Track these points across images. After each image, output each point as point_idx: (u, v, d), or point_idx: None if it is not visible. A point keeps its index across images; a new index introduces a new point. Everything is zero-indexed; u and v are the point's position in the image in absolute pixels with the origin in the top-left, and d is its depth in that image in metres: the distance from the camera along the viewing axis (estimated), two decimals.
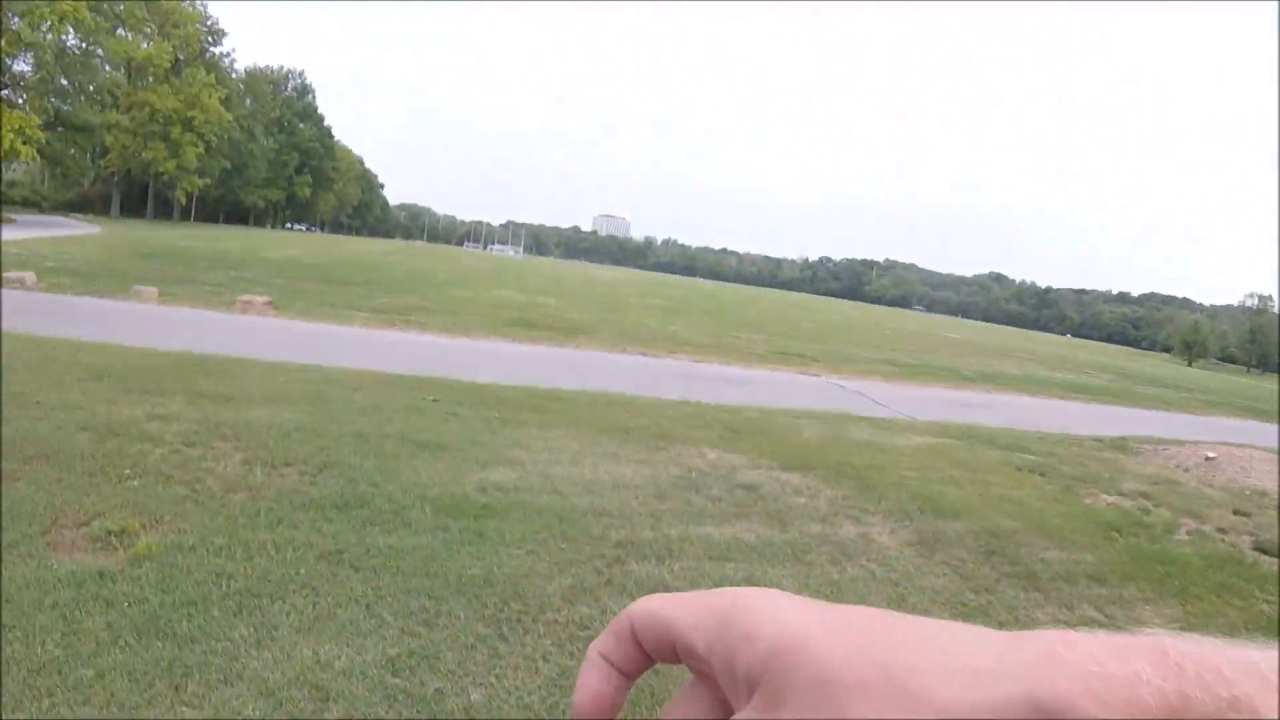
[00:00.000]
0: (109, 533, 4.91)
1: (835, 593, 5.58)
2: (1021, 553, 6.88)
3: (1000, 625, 4.79)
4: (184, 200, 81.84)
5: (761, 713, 0.34)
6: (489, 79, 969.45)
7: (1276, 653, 0.31)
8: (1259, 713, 0.29)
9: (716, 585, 0.38)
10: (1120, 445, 13.41)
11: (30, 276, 17.56)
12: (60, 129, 53.97)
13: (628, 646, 0.41)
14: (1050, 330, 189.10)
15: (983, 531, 7.32)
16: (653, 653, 0.41)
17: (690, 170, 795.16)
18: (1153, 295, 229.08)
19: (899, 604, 5.50)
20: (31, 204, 68.71)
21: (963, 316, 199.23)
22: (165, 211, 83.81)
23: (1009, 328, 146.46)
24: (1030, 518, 8.01)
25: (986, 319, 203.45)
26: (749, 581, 5.20)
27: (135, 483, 5.90)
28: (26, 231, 36.43)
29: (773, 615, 0.36)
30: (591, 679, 0.42)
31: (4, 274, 17.28)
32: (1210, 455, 12.66)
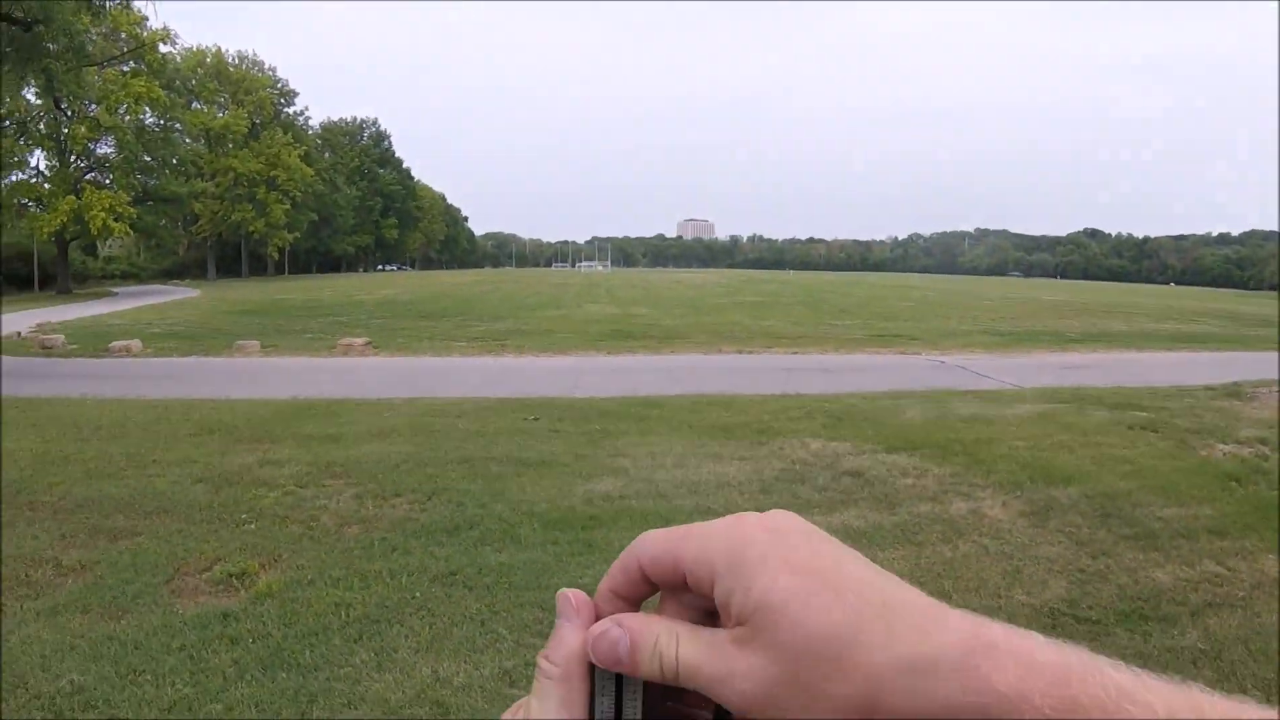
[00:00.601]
0: (230, 575, 5.10)
1: (949, 571, 5.50)
2: (1138, 513, 6.69)
3: (1119, 589, 4.60)
4: (276, 256, 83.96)
5: (735, 643, 0.40)
6: (563, 98, 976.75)
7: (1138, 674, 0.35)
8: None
9: None
10: (1234, 392, 12.89)
11: (136, 344, 18.29)
12: (149, 203, 55.67)
13: (636, 580, 0.46)
14: (1152, 281, 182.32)
15: (1097, 495, 7.14)
16: (661, 584, 0.46)
17: (770, 162, 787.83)
18: (1254, 233, 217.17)
19: (1014, 577, 5.40)
20: (131, 276, 71.27)
21: (1061, 277, 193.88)
22: (260, 268, 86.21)
23: (1110, 283, 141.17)
24: (1145, 476, 7.78)
25: (1086, 277, 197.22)
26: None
27: (252, 526, 6.10)
28: (129, 303, 37.85)
29: (768, 570, 0.41)
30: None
31: (111, 344, 18.00)
32: None
